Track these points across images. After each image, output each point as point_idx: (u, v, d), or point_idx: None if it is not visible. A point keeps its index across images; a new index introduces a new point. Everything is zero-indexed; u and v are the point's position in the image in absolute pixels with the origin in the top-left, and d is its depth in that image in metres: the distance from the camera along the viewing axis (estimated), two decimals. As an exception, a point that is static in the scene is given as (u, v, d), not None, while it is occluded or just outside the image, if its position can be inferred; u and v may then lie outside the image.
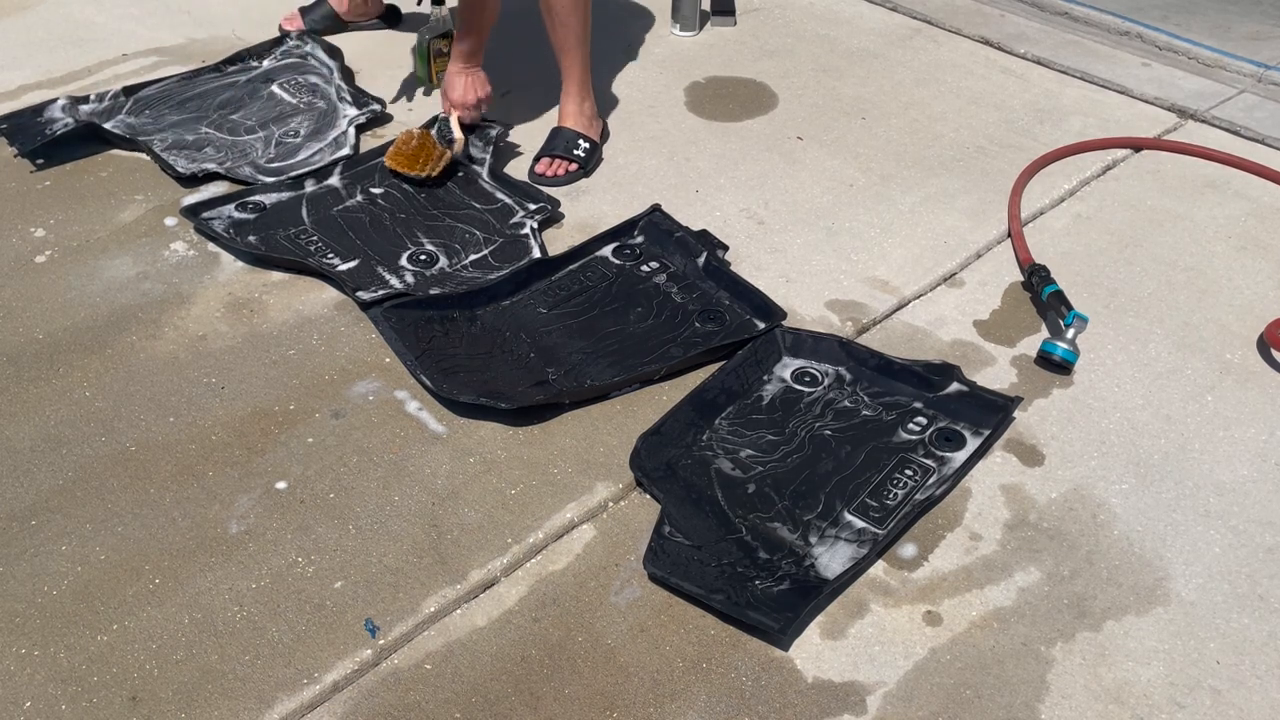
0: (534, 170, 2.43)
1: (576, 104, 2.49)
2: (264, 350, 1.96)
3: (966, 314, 2.09)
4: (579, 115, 2.49)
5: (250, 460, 1.75)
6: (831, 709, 1.42)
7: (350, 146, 2.47)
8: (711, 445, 1.78)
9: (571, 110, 2.49)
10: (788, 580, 1.55)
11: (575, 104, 2.49)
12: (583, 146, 2.45)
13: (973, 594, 1.57)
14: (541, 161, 2.43)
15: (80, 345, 1.96)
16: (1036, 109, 2.75)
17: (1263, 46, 3.02)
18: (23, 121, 2.52)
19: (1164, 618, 1.54)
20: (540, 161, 2.43)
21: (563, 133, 2.46)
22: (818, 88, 2.82)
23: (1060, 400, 1.90)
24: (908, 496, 1.69)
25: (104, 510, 1.66)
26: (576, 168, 2.42)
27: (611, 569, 1.59)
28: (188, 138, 2.51)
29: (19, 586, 1.55)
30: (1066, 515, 1.69)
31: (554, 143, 2.45)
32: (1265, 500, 1.72)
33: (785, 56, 2.98)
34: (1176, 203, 2.41)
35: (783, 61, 2.94)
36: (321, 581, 1.56)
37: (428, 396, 1.86)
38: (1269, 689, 1.45)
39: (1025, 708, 1.42)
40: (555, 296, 2.09)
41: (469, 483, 1.72)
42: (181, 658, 1.46)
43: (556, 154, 2.42)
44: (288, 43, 2.87)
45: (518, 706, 1.41)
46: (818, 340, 1.96)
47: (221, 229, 2.21)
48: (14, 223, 2.26)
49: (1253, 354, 2.01)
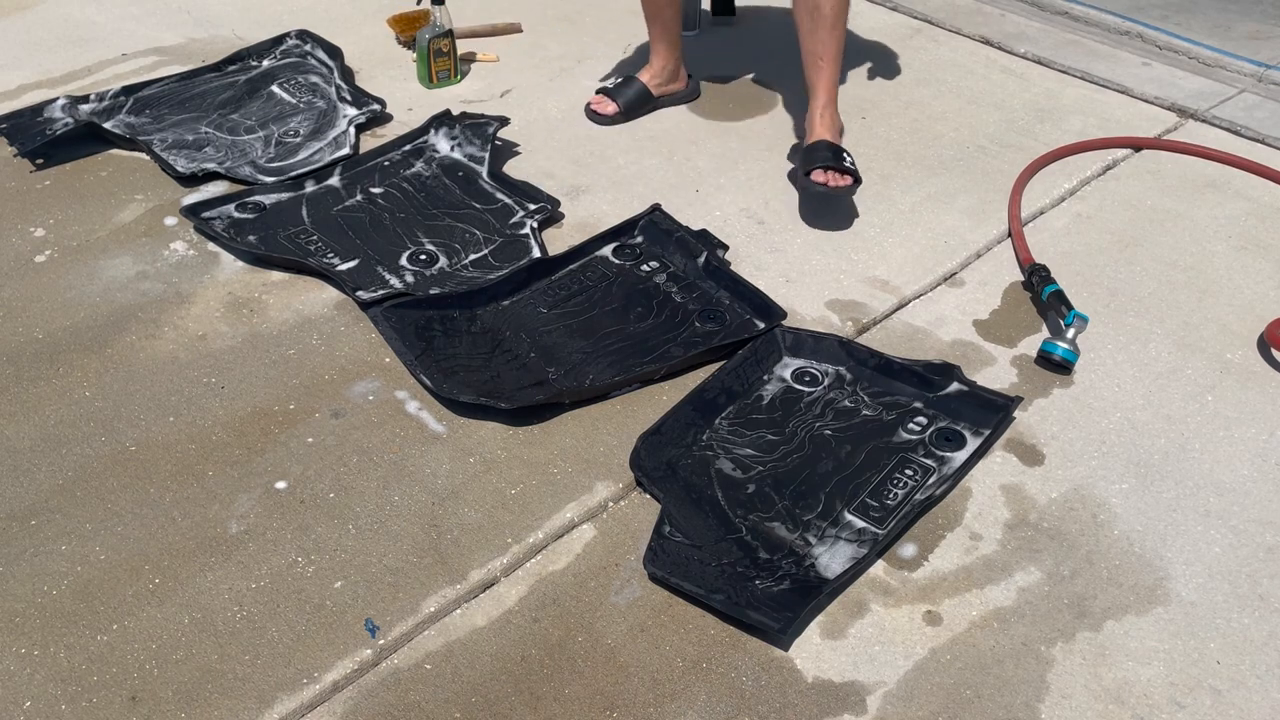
0: (811, 178, 2.24)
1: (831, 115, 2.35)
2: (264, 350, 1.96)
3: (966, 314, 2.09)
4: (834, 128, 2.35)
5: (250, 460, 1.75)
6: (831, 709, 1.42)
7: (350, 146, 2.47)
8: (712, 445, 1.78)
9: (828, 122, 2.34)
10: (788, 580, 1.55)
11: (831, 115, 2.35)
12: (851, 160, 2.28)
13: (973, 594, 1.57)
14: (817, 172, 2.24)
15: (80, 345, 1.96)
16: (1036, 109, 2.75)
17: (1263, 46, 3.02)
18: (23, 121, 2.52)
19: (1164, 618, 1.54)
20: (816, 171, 2.24)
21: (827, 146, 2.28)
22: (818, 87, 2.82)
23: (1060, 400, 1.90)
24: (908, 496, 1.69)
25: (104, 510, 1.66)
26: (852, 181, 2.25)
27: (611, 569, 1.59)
28: (188, 137, 2.51)
29: (19, 586, 1.55)
30: (1066, 515, 1.69)
31: (821, 154, 2.26)
32: (1265, 500, 1.72)
33: (785, 56, 2.98)
34: (1176, 202, 2.41)
35: (783, 61, 2.94)
36: (321, 581, 1.56)
37: (428, 396, 1.86)
38: (1269, 689, 1.45)
39: (1025, 708, 1.42)
40: (555, 296, 2.09)
41: (469, 482, 1.72)
42: (181, 658, 1.46)
43: (832, 166, 2.24)
44: (287, 42, 2.87)
45: (518, 706, 1.41)
46: (818, 340, 1.96)
47: (221, 229, 2.21)
48: (14, 222, 2.26)
49: (1253, 354, 2.00)
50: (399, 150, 2.47)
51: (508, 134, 2.57)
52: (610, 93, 2.68)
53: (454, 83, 2.81)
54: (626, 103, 2.67)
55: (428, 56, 2.73)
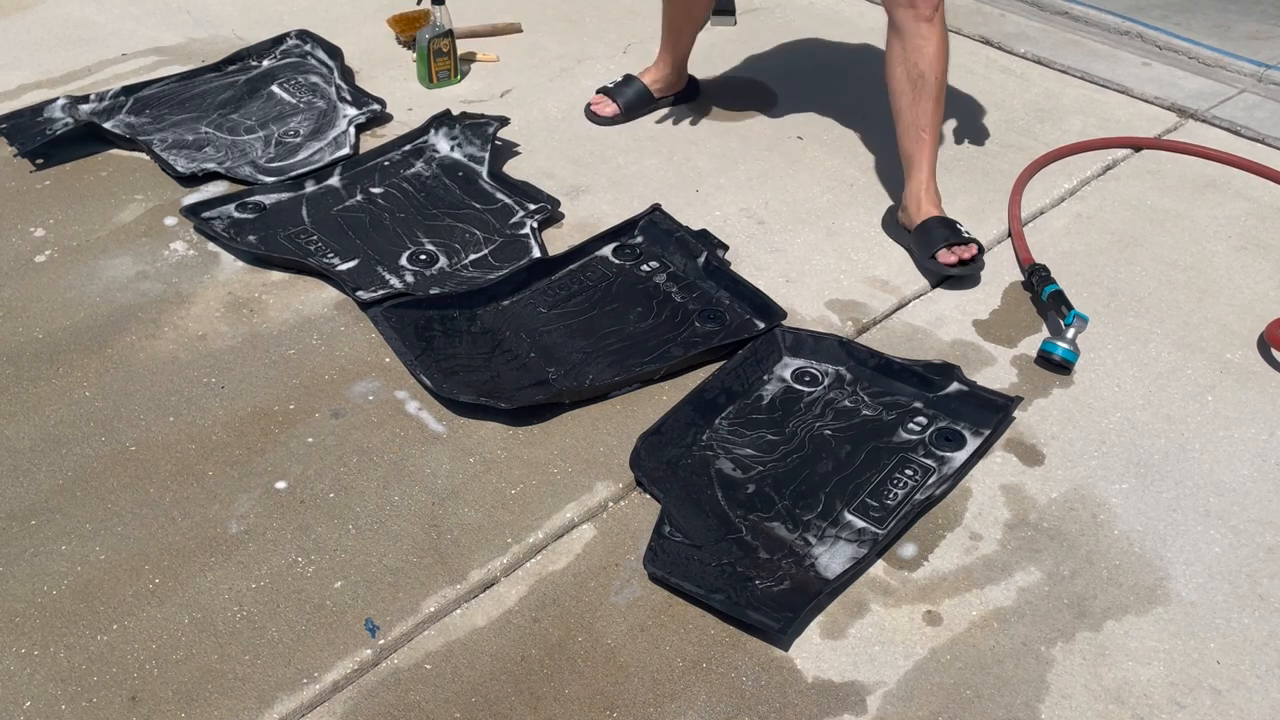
0: (939, 260, 2.14)
1: (935, 188, 2.24)
2: (264, 350, 1.96)
3: (966, 314, 2.09)
4: (938, 200, 2.24)
5: (250, 460, 1.75)
6: (831, 709, 1.42)
7: (350, 146, 2.47)
8: (711, 445, 1.78)
9: (933, 196, 2.23)
10: (788, 580, 1.55)
11: (934, 188, 2.24)
12: (966, 227, 2.21)
13: (973, 594, 1.57)
14: (943, 253, 2.15)
15: (80, 345, 1.96)
16: (1036, 108, 2.75)
17: (1263, 46, 3.02)
18: (23, 121, 2.52)
19: (1164, 618, 1.54)
20: (942, 252, 2.15)
21: (940, 222, 2.19)
22: (818, 87, 2.82)
23: (1060, 400, 1.90)
24: (908, 496, 1.69)
25: (104, 510, 1.66)
26: (978, 249, 2.17)
27: (611, 569, 1.59)
28: (188, 137, 2.51)
29: (19, 586, 1.55)
30: (1066, 515, 1.69)
31: (940, 233, 2.17)
32: (1265, 500, 1.72)
33: (785, 56, 2.98)
34: (1176, 202, 2.41)
35: (783, 61, 2.94)
36: (321, 581, 1.56)
37: (428, 396, 1.86)
38: (1269, 689, 1.45)
39: (1025, 708, 1.42)
40: (555, 296, 2.09)
41: (469, 482, 1.72)
42: (181, 657, 1.46)
43: (954, 242, 2.15)
44: (287, 42, 2.87)
45: (518, 706, 1.41)
46: (818, 340, 1.96)
47: (221, 229, 2.21)
48: (14, 222, 2.26)
49: (1253, 354, 2.00)
50: (399, 150, 2.47)
51: (508, 134, 2.57)
52: (610, 93, 2.68)
53: (454, 83, 2.81)
54: (627, 103, 2.66)
55: (428, 56, 2.73)
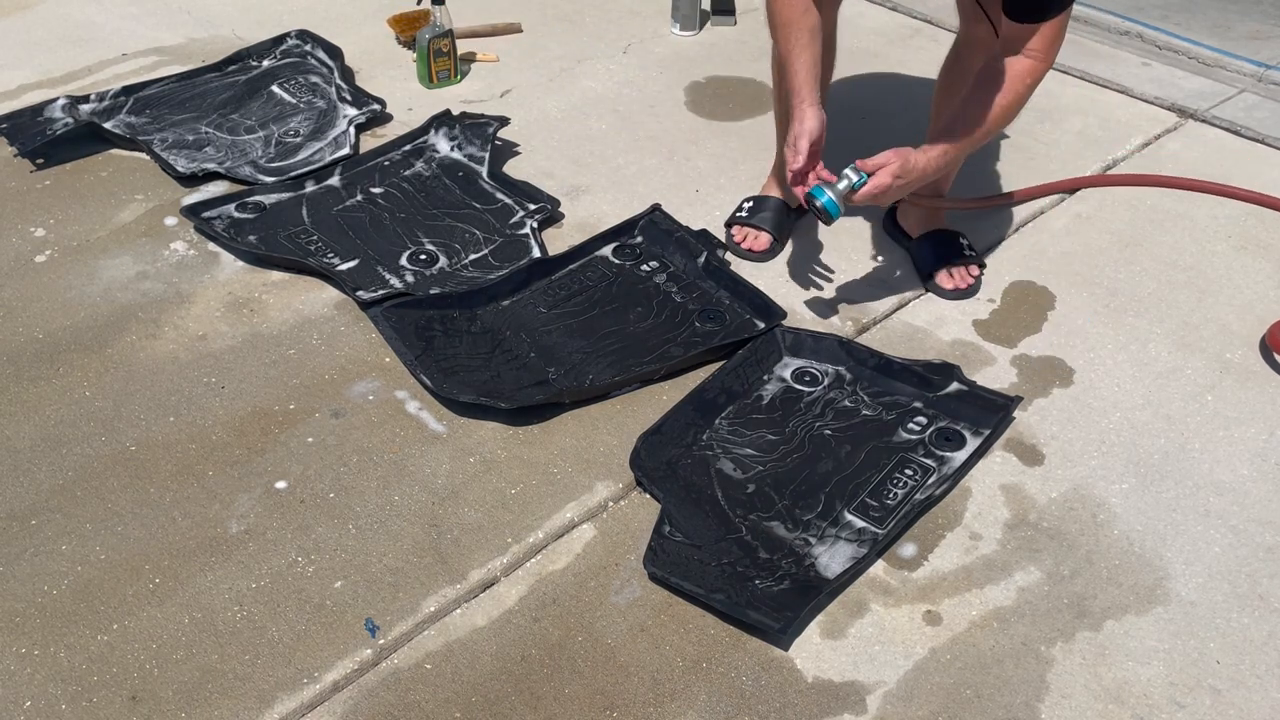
0: (940, 285, 2.11)
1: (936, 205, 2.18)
2: (264, 350, 1.96)
3: (966, 314, 2.09)
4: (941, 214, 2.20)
5: (250, 460, 1.75)
6: (831, 709, 1.42)
7: (350, 146, 2.47)
8: (711, 445, 1.78)
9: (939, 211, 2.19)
10: (788, 580, 1.55)
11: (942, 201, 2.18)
12: (968, 241, 2.17)
13: (973, 594, 1.57)
14: (942, 274, 2.11)
15: (80, 345, 1.96)
16: (1036, 109, 2.74)
17: (1263, 46, 3.02)
18: (23, 121, 2.52)
19: (1164, 617, 1.54)
20: (940, 274, 2.11)
21: (943, 237, 2.16)
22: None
23: (1060, 400, 1.90)
24: (908, 496, 1.69)
25: (104, 510, 1.66)
26: (980, 269, 2.15)
27: (611, 569, 1.59)
28: (188, 137, 2.51)
29: (19, 586, 1.55)
30: (1066, 515, 1.69)
31: (943, 252, 2.13)
32: (1265, 500, 1.72)
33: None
34: (1176, 202, 2.41)
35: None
36: (321, 581, 1.56)
37: (428, 396, 1.86)
38: (1269, 689, 1.45)
39: (1025, 708, 1.42)
40: (555, 296, 2.09)
41: (469, 482, 1.72)
42: (181, 657, 1.46)
43: (956, 264, 2.12)
44: (287, 42, 2.87)
45: (518, 706, 1.41)
46: (818, 340, 1.96)
47: (221, 229, 2.21)
48: (14, 222, 2.26)
49: (1253, 354, 2.00)
50: (399, 150, 2.47)
51: (508, 134, 2.57)
52: (749, 223, 2.25)
53: (454, 83, 2.81)
54: (776, 227, 2.25)
55: (428, 56, 2.73)
